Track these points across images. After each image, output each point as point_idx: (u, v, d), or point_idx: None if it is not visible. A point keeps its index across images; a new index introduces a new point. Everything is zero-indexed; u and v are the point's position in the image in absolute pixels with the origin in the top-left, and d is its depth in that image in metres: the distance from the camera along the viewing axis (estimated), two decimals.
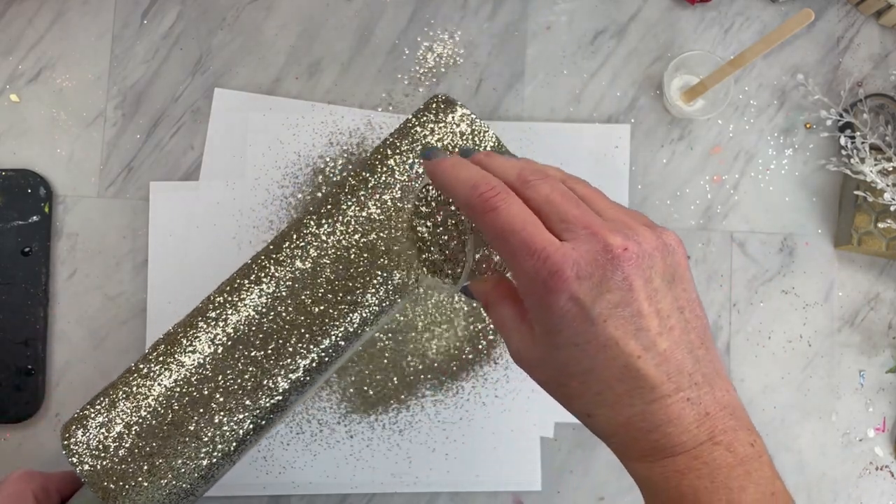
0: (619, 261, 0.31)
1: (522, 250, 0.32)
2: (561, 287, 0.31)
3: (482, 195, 0.33)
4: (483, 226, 0.34)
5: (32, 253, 0.59)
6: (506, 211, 0.33)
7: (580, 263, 0.31)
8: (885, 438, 0.64)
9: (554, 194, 0.34)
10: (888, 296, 0.65)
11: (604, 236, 0.32)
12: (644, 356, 0.31)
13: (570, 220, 0.33)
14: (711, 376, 0.33)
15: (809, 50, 0.66)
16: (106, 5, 0.62)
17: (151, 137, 0.62)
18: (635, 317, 0.31)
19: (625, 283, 0.31)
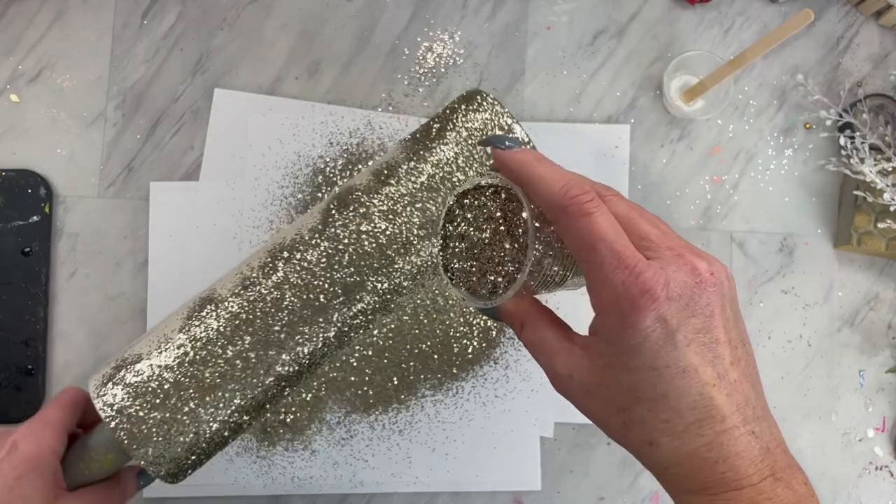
0: (705, 285, 0.31)
1: (614, 262, 0.30)
2: (651, 306, 0.30)
3: (577, 198, 0.31)
4: (572, 231, 0.32)
5: (33, 253, 0.59)
6: (600, 218, 0.31)
7: (670, 284, 0.30)
8: (884, 438, 0.64)
9: (632, 212, 0.33)
10: (888, 296, 0.65)
11: (690, 259, 0.31)
12: (718, 385, 0.31)
13: (653, 240, 0.32)
14: (766, 411, 0.33)
15: (809, 50, 0.66)
16: (106, 5, 0.62)
17: (151, 138, 0.62)
18: (713, 344, 0.31)
19: (708, 309, 0.31)
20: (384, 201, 0.48)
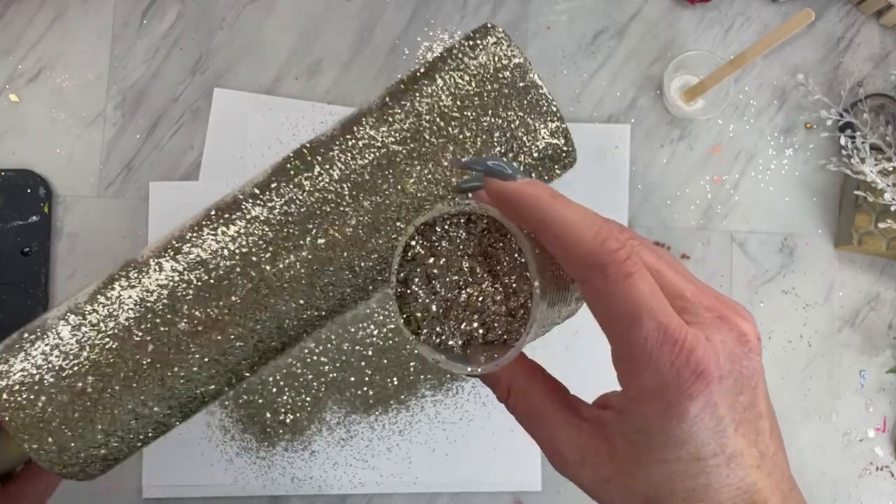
0: (752, 353, 0.26)
1: (660, 339, 0.24)
2: (704, 391, 0.24)
3: (615, 254, 0.24)
4: (607, 296, 0.25)
5: (32, 253, 0.59)
6: (641, 281, 0.24)
7: (720, 360, 0.25)
8: (885, 439, 0.64)
9: (660, 262, 0.27)
10: (888, 296, 0.65)
11: (735, 322, 0.26)
12: (761, 465, 0.26)
13: (689, 299, 0.26)
14: (792, 476, 0.28)
15: (810, 50, 0.66)
16: (106, 5, 0.62)
17: (151, 137, 0.62)
18: (757, 419, 0.26)
19: (753, 380, 0.26)
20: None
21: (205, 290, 0.40)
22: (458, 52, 0.43)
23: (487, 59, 0.42)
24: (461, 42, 0.43)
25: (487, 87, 0.41)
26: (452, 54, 0.43)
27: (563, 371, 0.65)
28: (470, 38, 0.43)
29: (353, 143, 0.43)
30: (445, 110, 0.42)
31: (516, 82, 0.42)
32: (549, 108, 0.42)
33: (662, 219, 0.64)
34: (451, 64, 0.42)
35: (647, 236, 0.63)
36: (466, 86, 0.42)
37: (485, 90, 0.41)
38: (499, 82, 0.42)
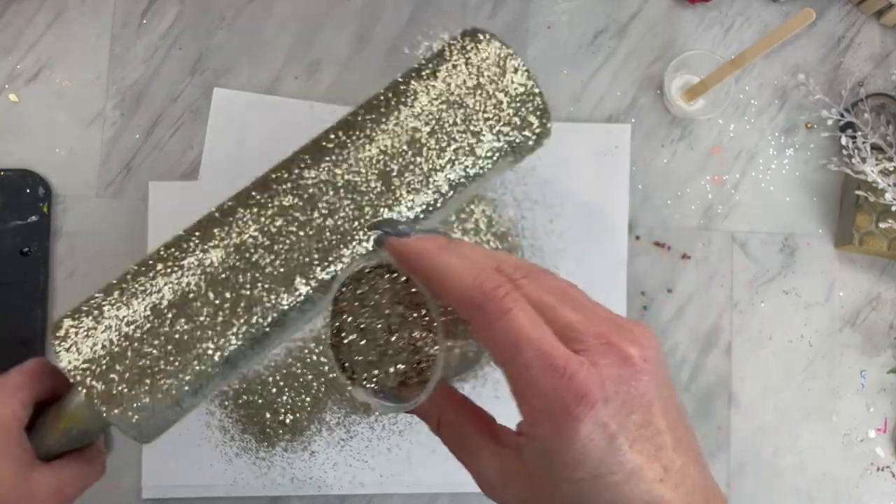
0: (640, 374, 0.27)
1: (542, 367, 0.26)
2: (587, 413, 0.26)
3: (493, 292, 0.27)
4: (489, 332, 0.27)
5: (31, 253, 0.59)
6: (521, 314, 0.27)
7: (605, 383, 0.26)
8: (886, 439, 0.64)
9: (547, 295, 0.28)
10: (889, 296, 0.65)
11: (620, 346, 0.27)
12: (665, 478, 0.27)
13: (576, 328, 0.27)
14: (713, 489, 0.29)
15: (810, 49, 0.65)
16: (105, 5, 0.62)
17: (151, 137, 0.62)
18: (655, 435, 0.27)
19: (644, 399, 0.27)
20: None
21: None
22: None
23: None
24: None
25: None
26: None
27: None
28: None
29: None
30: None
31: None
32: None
33: (663, 219, 0.63)
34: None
35: (647, 236, 0.63)
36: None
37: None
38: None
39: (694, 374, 0.63)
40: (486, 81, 0.48)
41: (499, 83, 0.48)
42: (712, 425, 0.62)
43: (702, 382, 0.63)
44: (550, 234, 0.62)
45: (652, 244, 0.63)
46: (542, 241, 0.62)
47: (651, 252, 0.63)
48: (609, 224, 0.63)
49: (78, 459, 0.44)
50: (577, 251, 0.62)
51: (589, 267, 0.62)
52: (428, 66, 0.50)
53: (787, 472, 0.63)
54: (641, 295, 0.63)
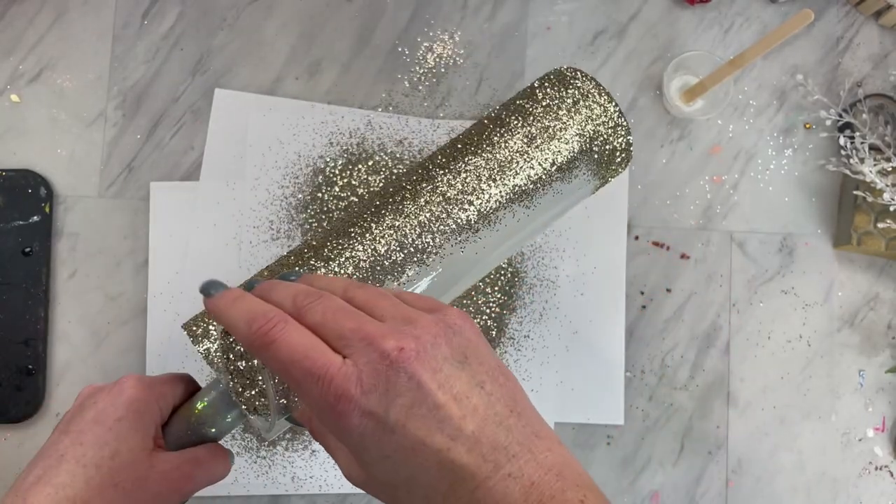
0: (398, 363, 0.31)
1: (306, 379, 0.31)
2: (349, 408, 0.30)
3: (259, 329, 0.32)
4: (266, 362, 0.33)
5: (33, 253, 0.59)
6: (284, 341, 0.32)
7: (362, 378, 0.30)
8: (884, 438, 0.64)
9: (328, 312, 0.33)
10: (888, 296, 0.65)
11: (378, 343, 0.31)
12: (453, 446, 0.30)
13: (346, 335, 0.32)
14: (529, 442, 0.32)
15: (809, 50, 0.66)
16: (106, 6, 0.62)
17: (152, 137, 0.62)
18: (433, 410, 0.31)
19: (412, 382, 0.31)
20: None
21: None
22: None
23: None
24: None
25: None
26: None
27: (562, 369, 0.65)
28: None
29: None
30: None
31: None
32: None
33: (662, 219, 0.64)
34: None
35: (646, 236, 0.63)
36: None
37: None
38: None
39: (693, 374, 0.63)
40: (574, 110, 0.50)
41: (588, 111, 0.51)
42: (711, 424, 0.63)
43: (700, 382, 0.63)
44: (550, 233, 0.62)
45: (651, 244, 0.64)
46: (541, 241, 0.62)
47: (650, 252, 0.63)
48: (608, 224, 0.63)
49: (200, 452, 0.45)
50: (577, 251, 0.62)
51: (588, 267, 0.62)
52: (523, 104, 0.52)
53: (785, 472, 0.63)
54: (640, 294, 0.63)
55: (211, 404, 0.45)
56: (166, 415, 0.45)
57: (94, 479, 0.39)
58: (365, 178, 0.61)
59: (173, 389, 0.46)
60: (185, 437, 0.45)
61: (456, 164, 0.49)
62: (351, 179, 0.61)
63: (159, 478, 0.41)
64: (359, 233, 0.48)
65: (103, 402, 0.42)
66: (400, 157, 0.62)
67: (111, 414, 0.42)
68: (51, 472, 0.39)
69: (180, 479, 0.42)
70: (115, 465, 0.40)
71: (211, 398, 0.45)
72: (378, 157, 0.62)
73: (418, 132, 0.62)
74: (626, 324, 0.62)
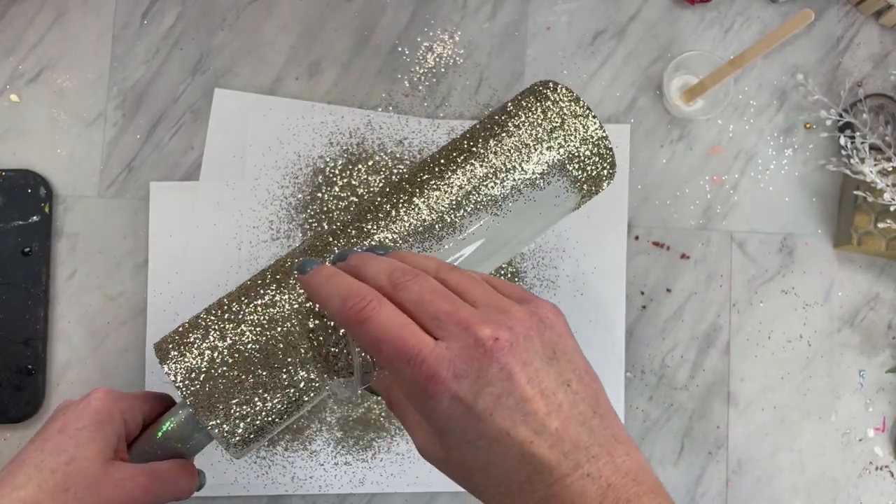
0: (492, 353, 0.31)
1: (398, 358, 0.32)
2: (440, 390, 0.31)
3: (353, 307, 0.33)
4: (358, 339, 0.34)
5: (33, 253, 0.59)
6: (377, 320, 0.33)
7: (455, 362, 0.31)
8: (884, 438, 0.64)
9: (424, 293, 0.34)
10: (888, 296, 0.65)
11: (474, 329, 0.32)
12: (536, 440, 0.31)
13: (441, 318, 0.32)
14: (610, 444, 0.32)
15: (809, 50, 0.66)
16: (106, 5, 0.62)
17: (151, 137, 0.62)
18: (520, 403, 0.31)
19: (503, 373, 0.31)
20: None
21: None
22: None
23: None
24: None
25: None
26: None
27: None
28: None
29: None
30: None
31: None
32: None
33: (662, 219, 0.64)
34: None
35: (646, 236, 0.63)
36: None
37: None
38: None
39: (693, 374, 0.63)
40: (557, 124, 0.50)
41: (569, 126, 0.51)
42: (711, 424, 0.63)
43: (700, 382, 0.63)
44: (550, 233, 0.62)
45: (651, 244, 0.64)
46: (541, 241, 0.62)
47: (650, 252, 0.63)
48: (608, 224, 0.63)
49: (162, 466, 0.45)
50: (577, 251, 0.62)
51: (588, 267, 0.62)
52: (501, 119, 0.52)
53: (785, 472, 0.63)
54: (640, 294, 0.63)
55: (179, 424, 0.46)
56: (135, 429, 0.46)
57: (47, 483, 0.40)
58: (365, 178, 0.61)
59: (144, 405, 0.47)
60: (153, 452, 0.46)
61: (430, 184, 0.50)
62: (351, 179, 0.61)
63: (112, 486, 0.42)
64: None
65: (70, 413, 0.44)
66: (400, 157, 0.62)
67: (74, 423, 0.43)
68: (11, 476, 0.41)
69: (135, 489, 0.43)
70: (70, 470, 0.41)
71: (179, 418, 0.46)
72: (378, 157, 0.62)
73: (418, 132, 0.62)
74: (626, 324, 0.62)
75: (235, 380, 0.45)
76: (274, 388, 0.46)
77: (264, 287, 0.48)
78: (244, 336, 0.46)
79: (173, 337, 0.47)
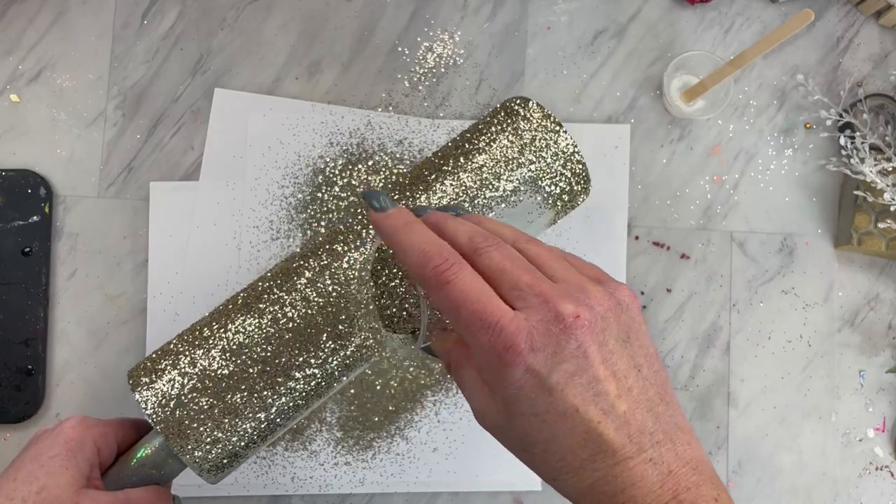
0: (571, 329, 0.31)
1: (476, 324, 0.32)
2: (516, 360, 0.31)
3: (436, 268, 0.33)
4: (436, 299, 0.34)
5: (33, 253, 0.59)
6: (458, 284, 0.33)
7: (533, 335, 0.31)
8: (884, 438, 0.64)
9: (505, 261, 0.34)
10: (888, 296, 0.65)
11: (555, 304, 0.32)
12: (604, 421, 0.31)
13: (522, 288, 0.32)
14: (673, 432, 0.32)
15: (809, 50, 0.66)
16: (106, 5, 0.62)
17: (151, 137, 0.62)
18: (592, 382, 0.31)
19: (579, 351, 0.31)
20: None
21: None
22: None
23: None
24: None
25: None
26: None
27: None
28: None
29: None
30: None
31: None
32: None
33: (662, 219, 0.64)
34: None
35: (646, 236, 0.63)
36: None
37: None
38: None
39: (693, 374, 0.63)
40: (528, 141, 0.51)
41: (543, 144, 0.51)
42: (711, 424, 0.63)
43: (701, 382, 0.63)
44: (550, 233, 0.62)
45: (651, 244, 0.63)
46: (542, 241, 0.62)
47: (650, 252, 0.63)
48: (608, 224, 0.63)
49: (135, 493, 0.45)
50: (577, 251, 0.62)
51: None
52: (475, 136, 0.52)
53: (785, 472, 0.63)
54: (641, 294, 0.63)
55: (153, 451, 0.46)
56: (109, 456, 0.46)
57: None
58: (365, 178, 0.61)
59: (118, 431, 0.47)
60: (127, 479, 0.46)
61: (400, 203, 0.50)
62: (351, 179, 0.61)
63: None
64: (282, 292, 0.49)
65: (43, 442, 0.44)
66: (400, 157, 0.62)
67: (46, 452, 0.43)
68: None
69: None
70: (41, 499, 0.41)
71: (153, 445, 0.46)
72: (378, 157, 0.62)
73: (418, 132, 0.62)
74: None
75: (206, 406, 0.46)
76: (245, 413, 0.46)
77: (235, 312, 0.48)
78: (214, 362, 0.46)
79: (145, 364, 0.48)
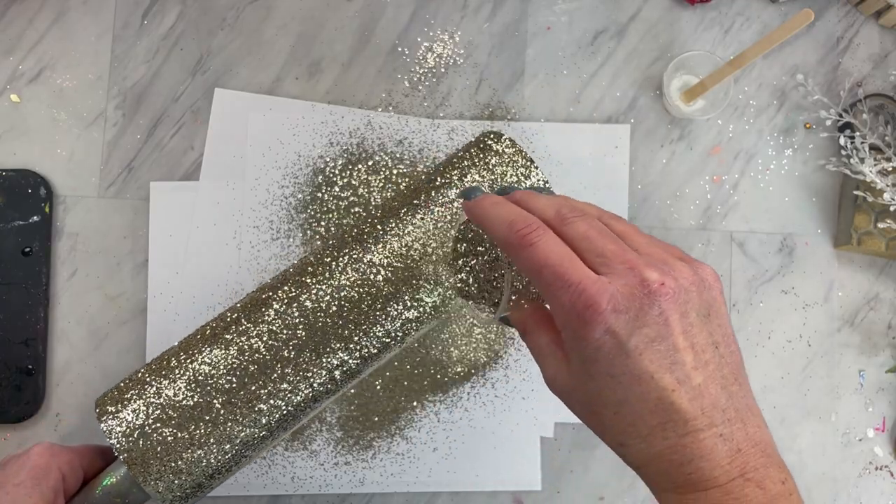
0: (655, 296, 0.32)
1: (558, 283, 0.33)
2: (597, 319, 0.32)
3: (519, 232, 0.35)
4: (520, 261, 0.35)
5: (33, 253, 0.59)
6: (542, 246, 0.34)
7: (617, 297, 0.32)
8: (884, 438, 0.64)
9: (591, 231, 0.35)
10: (888, 296, 0.65)
11: (641, 271, 0.32)
12: (679, 390, 0.32)
13: (608, 255, 0.33)
14: (744, 412, 0.33)
15: (809, 50, 0.66)
16: (106, 5, 0.62)
17: (152, 137, 0.62)
18: (671, 351, 0.32)
19: (661, 318, 0.32)
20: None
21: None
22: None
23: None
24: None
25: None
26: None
27: None
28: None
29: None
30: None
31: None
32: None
33: (662, 219, 0.64)
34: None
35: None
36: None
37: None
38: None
39: None
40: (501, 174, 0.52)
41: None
42: None
43: None
44: None
45: None
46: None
47: None
48: None
49: None
50: None
51: None
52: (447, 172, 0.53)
53: None
54: None
55: (118, 480, 0.46)
56: (74, 483, 0.46)
57: None
58: (365, 178, 0.61)
59: (84, 459, 0.47)
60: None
61: (371, 236, 0.51)
62: (351, 179, 0.61)
63: None
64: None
65: (10, 468, 0.44)
66: (400, 157, 0.62)
67: (11, 479, 0.43)
68: None
69: None
70: None
71: (119, 474, 0.47)
72: (378, 157, 0.62)
73: (418, 132, 0.62)
74: None
75: (170, 438, 0.46)
76: (209, 445, 0.46)
77: (202, 342, 0.48)
78: (180, 392, 0.47)
79: (112, 393, 0.48)
